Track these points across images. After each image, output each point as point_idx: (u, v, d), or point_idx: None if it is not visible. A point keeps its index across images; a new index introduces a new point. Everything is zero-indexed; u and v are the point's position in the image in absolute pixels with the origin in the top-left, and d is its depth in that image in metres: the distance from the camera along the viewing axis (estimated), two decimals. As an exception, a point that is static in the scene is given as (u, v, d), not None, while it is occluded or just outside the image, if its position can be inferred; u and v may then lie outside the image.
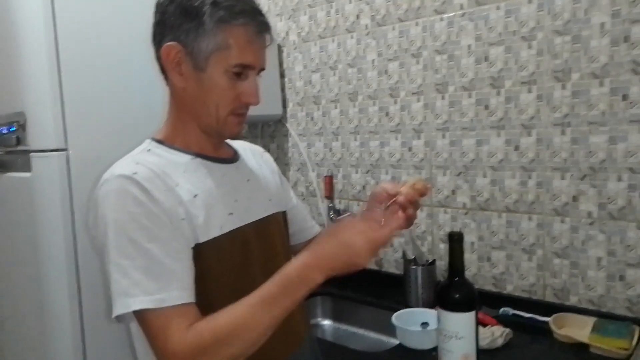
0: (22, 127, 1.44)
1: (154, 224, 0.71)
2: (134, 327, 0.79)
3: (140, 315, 0.69)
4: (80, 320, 1.43)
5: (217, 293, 0.75)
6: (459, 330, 0.88)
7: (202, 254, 0.75)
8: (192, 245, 0.74)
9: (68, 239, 1.41)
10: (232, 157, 0.89)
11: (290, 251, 0.95)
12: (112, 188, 0.73)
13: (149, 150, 0.81)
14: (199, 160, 0.82)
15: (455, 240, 0.89)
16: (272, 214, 0.91)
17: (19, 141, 1.46)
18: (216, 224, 0.78)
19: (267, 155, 1.04)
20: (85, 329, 1.43)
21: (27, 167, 1.44)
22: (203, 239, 0.75)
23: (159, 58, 0.81)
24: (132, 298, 0.68)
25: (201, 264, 0.74)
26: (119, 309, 0.69)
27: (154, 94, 0.85)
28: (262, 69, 0.82)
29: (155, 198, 0.72)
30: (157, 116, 0.86)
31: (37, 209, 1.43)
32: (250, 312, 0.69)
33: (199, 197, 0.77)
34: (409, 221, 0.82)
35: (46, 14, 1.36)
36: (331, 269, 0.70)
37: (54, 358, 1.44)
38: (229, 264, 0.79)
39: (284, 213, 0.96)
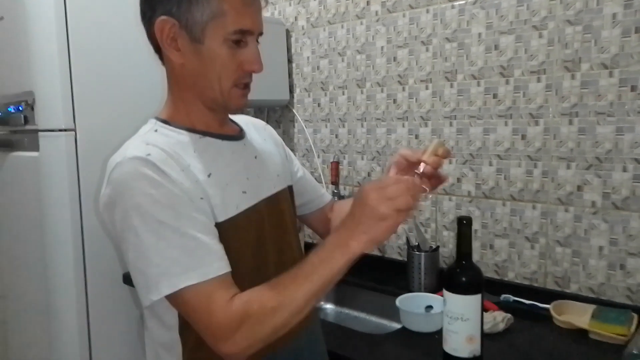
0: (31, 106, 1.45)
1: (177, 203, 0.70)
2: (156, 324, 0.79)
3: (181, 294, 0.68)
4: (85, 298, 1.44)
5: (236, 271, 0.74)
6: (465, 312, 0.90)
7: (221, 233, 0.74)
8: (213, 223, 0.74)
9: (75, 218, 1.43)
10: (239, 134, 0.87)
11: (297, 225, 0.94)
12: (127, 170, 0.70)
13: (155, 130, 0.78)
14: (207, 139, 0.80)
15: (464, 225, 0.90)
16: (281, 189, 0.90)
17: (26, 120, 1.47)
18: (232, 203, 0.77)
19: (269, 128, 1.02)
20: (90, 307, 1.45)
21: (35, 147, 1.45)
22: (221, 218, 0.75)
23: (151, 36, 0.77)
24: (175, 277, 0.67)
25: (222, 244, 0.73)
26: (165, 289, 0.68)
27: (161, 76, 0.84)
28: (261, 34, 0.78)
29: (172, 179, 0.70)
30: (164, 98, 0.85)
31: (45, 188, 1.44)
32: (292, 282, 0.69)
33: (213, 176, 0.76)
34: (436, 187, 0.81)
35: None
36: (364, 232, 0.67)
37: (59, 335, 1.46)
38: (245, 242, 0.78)
39: (290, 187, 0.95)
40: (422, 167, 0.76)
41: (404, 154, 0.80)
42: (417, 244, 1.43)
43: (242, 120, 0.93)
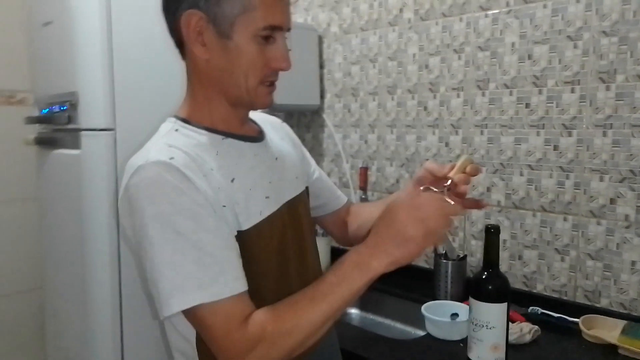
0: (74, 106, 1.52)
1: (200, 214, 0.66)
2: (174, 333, 0.76)
3: (195, 311, 0.65)
4: (119, 291, 1.50)
5: (261, 278, 0.72)
6: (490, 320, 0.90)
7: (246, 241, 0.71)
8: (235, 233, 0.71)
9: (112, 214, 1.48)
10: (259, 135, 0.83)
11: (314, 228, 0.91)
12: (149, 175, 0.66)
13: (176, 130, 0.75)
14: (229, 140, 0.76)
15: (491, 233, 0.91)
16: (300, 192, 0.87)
17: (70, 119, 1.54)
18: (256, 210, 0.74)
19: (286, 127, 0.98)
20: (123, 300, 1.50)
21: (76, 145, 1.51)
22: (245, 226, 0.72)
23: (174, 30, 0.74)
24: (189, 294, 0.64)
25: (245, 252, 0.71)
26: (176, 306, 0.64)
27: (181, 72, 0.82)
28: (289, 29, 0.75)
29: (196, 186, 0.67)
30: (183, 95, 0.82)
31: (84, 185, 1.51)
32: (310, 304, 0.67)
33: (237, 181, 0.72)
34: (464, 207, 0.78)
35: (101, 3, 1.42)
36: (388, 254, 0.65)
37: (92, 326, 1.52)
38: (269, 249, 0.76)
39: (306, 189, 0.91)
40: (454, 186, 0.73)
41: (430, 168, 0.79)
42: (444, 252, 1.43)
43: (259, 118, 0.89)
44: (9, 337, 2.26)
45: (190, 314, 0.66)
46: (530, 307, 1.26)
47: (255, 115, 0.88)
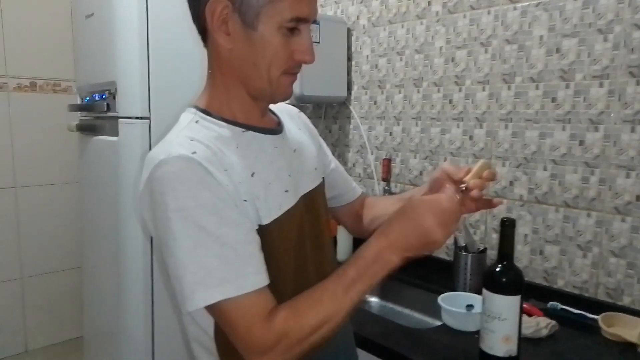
0: (113, 95, 1.60)
1: (222, 208, 0.66)
2: (192, 324, 0.76)
3: (218, 306, 0.65)
4: (150, 274, 1.58)
5: (280, 273, 0.72)
6: (503, 312, 0.91)
7: (266, 236, 0.71)
8: (256, 227, 0.71)
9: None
10: (278, 127, 0.83)
11: (330, 220, 0.91)
12: (172, 170, 0.66)
13: (197, 122, 0.74)
14: (249, 133, 0.76)
15: (507, 226, 0.92)
16: (318, 185, 0.87)
17: (109, 108, 1.63)
18: (276, 204, 0.74)
19: (303, 116, 0.97)
20: (155, 282, 1.59)
21: (114, 132, 1.60)
22: (265, 221, 0.72)
23: (198, 17, 0.73)
24: (212, 288, 0.64)
25: (265, 246, 0.71)
26: (200, 301, 0.65)
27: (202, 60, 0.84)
28: (315, 22, 0.76)
29: (218, 180, 0.67)
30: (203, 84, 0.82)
31: (121, 169, 1.59)
32: (332, 298, 0.68)
33: (256, 175, 0.72)
34: (477, 209, 0.81)
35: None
36: (406, 250, 0.68)
37: (126, 304, 1.61)
38: (288, 242, 0.76)
39: (323, 180, 0.91)
40: (470, 190, 0.75)
41: (447, 170, 0.80)
42: (464, 244, 1.44)
43: (277, 108, 0.88)
44: (51, 312, 2.41)
45: (213, 308, 0.66)
46: (550, 303, 1.26)
47: (273, 105, 0.87)
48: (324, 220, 0.87)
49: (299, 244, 0.78)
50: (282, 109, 0.90)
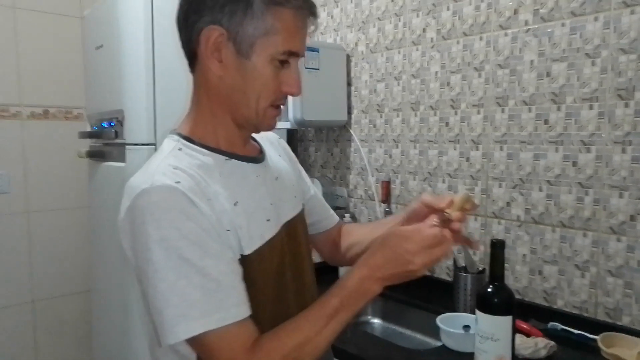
0: (120, 122, 1.66)
1: (205, 239, 0.66)
2: (169, 354, 0.74)
3: (201, 338, 0.65)
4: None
5: (259, 302, 0.72)
6: (495, 332, 0.93)
7: (247, 266, 0.71)
8: (238, 257, 0.71)
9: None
10: (260, 155, 0.84)
11: (310, 247, 0.91)
12: (155, 200, 0.65)
13: (179, 149, 0.74)
14: (232, 162, 0.76)
15: (497, 247, 0.94)
16: (299, 212, 0.87)
17: (117, 135, 1.69)
18: (257, 233, 0.74)
19: (283, 143, 0.97)
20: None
21: (122, 158, 1.66)
22: (247, 250, 0.72)
23: (189, 42, 0.74)
24: (194, 321, 0.64)
25: (247, 276, 0.71)
26: (181, 334, 0.64)
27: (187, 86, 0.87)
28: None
29: (201, 211, 0.67)
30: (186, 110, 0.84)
31: (128, 194, 1.64)
32: (314, 328, 0.69)
33: (239, 204, 0.72)
34: (457, 243, 0.78)
35: (146, 30, 1.56)
36: (387, 279, 0.70)
37: (131, 328, 1.64)
38: (268, 272, 0.76)
39: (303, 207, 0.91)
40: (451, 223, 0.74)
41: (427, 202, 0.80)
42: (464, 265, 1.45)
43: (258, 135, 0.87)
44: (61, 335, 2.44)
45: (195, 340, 0.65)
46: (550, 323, 1.27)
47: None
48: (305, 248, 0.87)
49: (279, 273, 0.78)
50: (263, 136, 0.89)
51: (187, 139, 0.76)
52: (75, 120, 2.48)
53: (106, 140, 1.78)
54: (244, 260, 0.72)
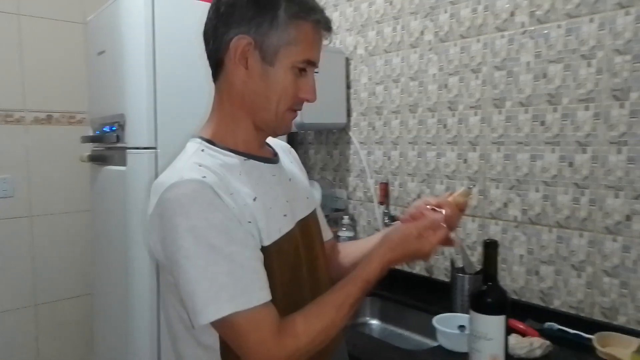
0: (122, 126, 1.68)
1: (231, 228, 0.71)
2: (190, 346, 0.78)
3: (230, 319, 0.69)
4: (157, 302, 1.62)
5: (276, 294, 0.75)
6: (488, 332, 0.93)
7: (266, 257, 0.76)
8: (260, 246, 0.76)
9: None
10: (275, 157, 0.90)
11: (324, 247, 0.96)
12: (184, 192, 0.71)
13: (202, 150, 0.80)
14: (250, 162, 0.82)
15: (490, 247, 0.95)
16: (312, 212, 0.93)
17: (118, 139, 1.71)
18: (275, 227, 0.79)
19: (294, 152, 1.04)
20: (161, 309, 1.62)
21: (123, 162, 1.67)
22: (266, 242, 0.77)
23: (217, 51, 0.80)
24: (224, 303, 0.68)
25: (266, 267, 0.75)
26: (212, 315, 0.69)
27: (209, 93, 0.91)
28: (317, 66, 0.84)
29: (226, 203, 0.72)
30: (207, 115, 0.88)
31: (129, 198, 1.65)
32: (337, 312, 0.76)
33: (258, 200, 0.78)
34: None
35: (147, 36, 1.58)
36: (401, 258, 0.81)
37: (133, 331, 1.65)
38: (286, 265, 0.80)
39: (314, 209, 0.96)
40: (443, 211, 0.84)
41: (427, 200, 0.88)
42: (461, 266, 1.46)
43: (272, 142, 0.94)
44: (63, 338, 2.46)
45: (225, 323, 0.70)
46: (547, 323, 1.27)
47: (269, 139, 0.94)
48: (319, 246, 0.92)
49: (296, 268, 0.83)
50: (276, 144, 0.96)
51: (209, 141, 0.81)
52: (78, 124, 2.50)
53: (108, 144, 1.79)
54: (264, 251, 0.76)
